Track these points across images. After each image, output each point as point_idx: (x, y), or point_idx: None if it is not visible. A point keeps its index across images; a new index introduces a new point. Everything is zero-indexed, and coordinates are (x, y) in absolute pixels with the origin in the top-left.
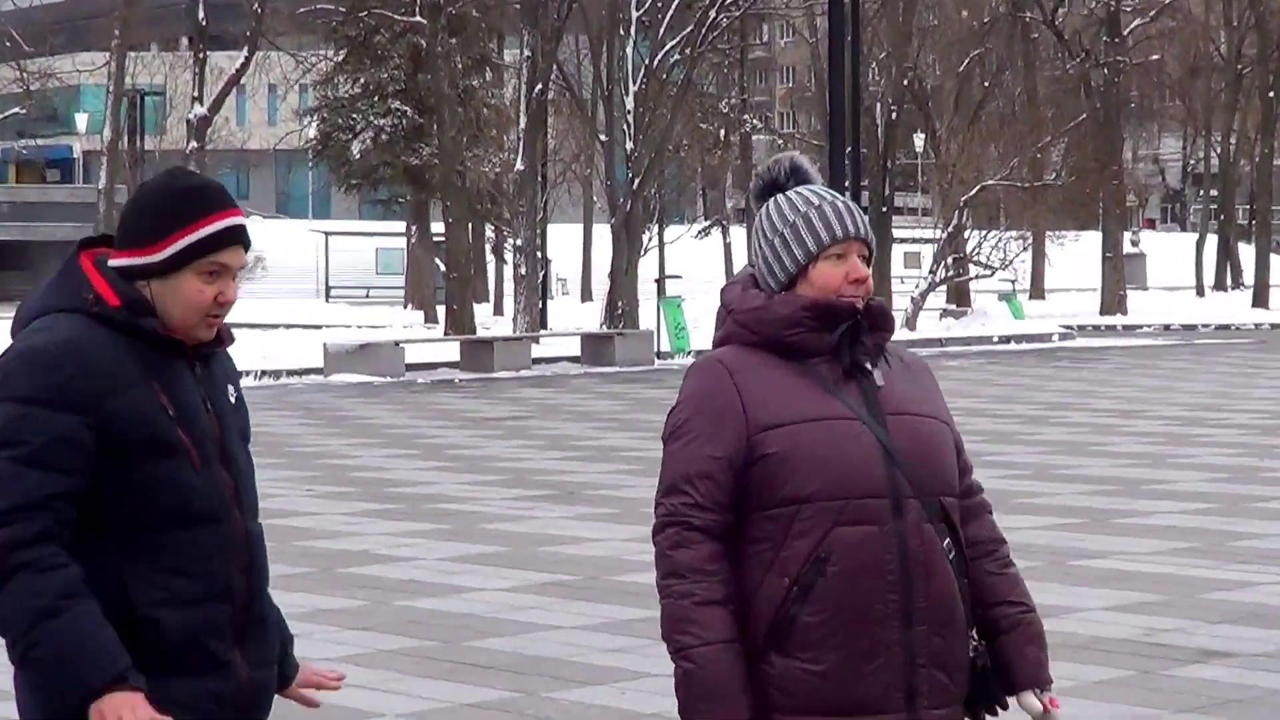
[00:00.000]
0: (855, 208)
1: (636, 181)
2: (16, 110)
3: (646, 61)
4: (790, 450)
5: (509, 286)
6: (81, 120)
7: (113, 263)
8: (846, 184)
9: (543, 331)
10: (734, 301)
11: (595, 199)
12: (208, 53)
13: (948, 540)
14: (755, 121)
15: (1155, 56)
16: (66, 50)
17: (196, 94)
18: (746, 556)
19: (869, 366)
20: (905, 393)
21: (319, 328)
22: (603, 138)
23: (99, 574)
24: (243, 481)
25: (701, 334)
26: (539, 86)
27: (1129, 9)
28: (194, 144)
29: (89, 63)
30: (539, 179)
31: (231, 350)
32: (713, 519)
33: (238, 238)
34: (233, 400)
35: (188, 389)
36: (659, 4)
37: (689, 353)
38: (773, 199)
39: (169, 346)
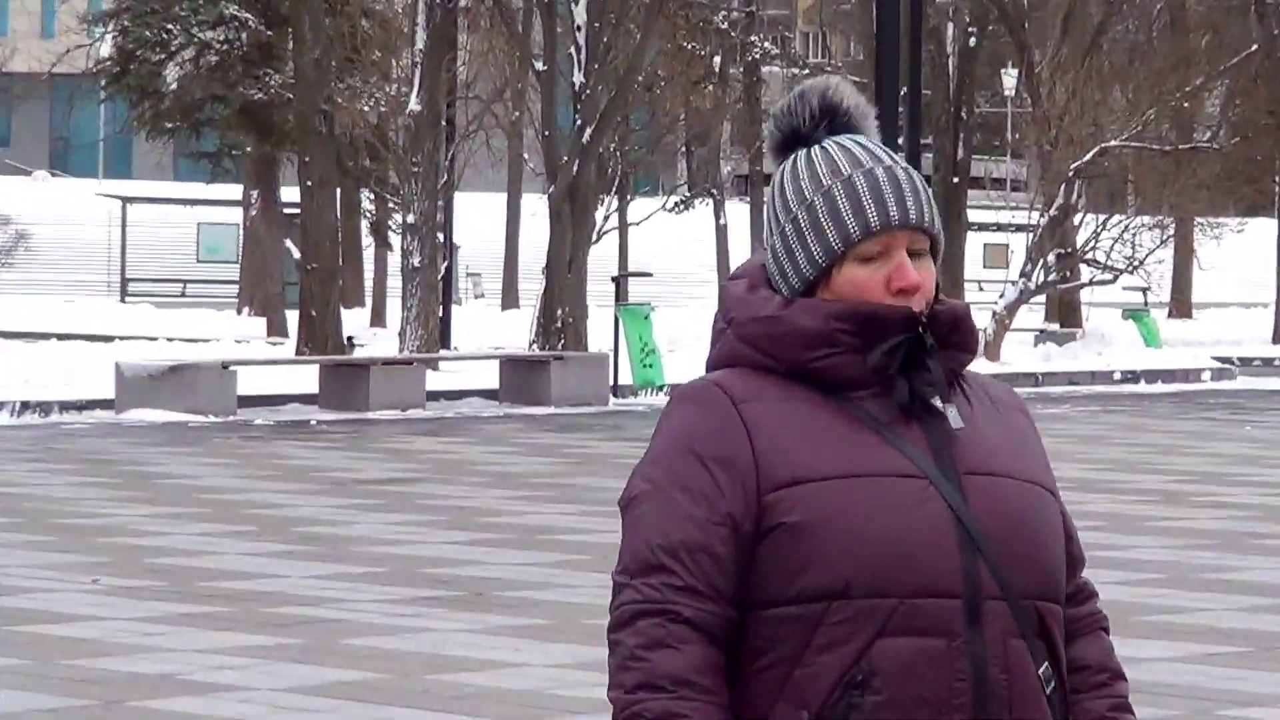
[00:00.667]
0: (914, 176)
1: (588, 132)
2: None
3: None
4: (816, 519)
5: (394, 284)
6: None
7: None
8: (901, 141)
9: (444, 352)
10: (736, 306)
11: (526, 157)
12: None
13: (1045, 666)
14: (767, 44)
15: None
16: None
17: None
18: (746, 676)
19: (939, 403)
20: (994, 443)
21: (110, 340)
22: (539, 66)
23: None
24: None
25: (682, 360)
26: None
27: None
28: None
29: None
30: (443, 125)
31: None
32: (712, 611)
33: None
34: None
35: None
36: None
37: (662, 387)
38: (792, 160)
39: None
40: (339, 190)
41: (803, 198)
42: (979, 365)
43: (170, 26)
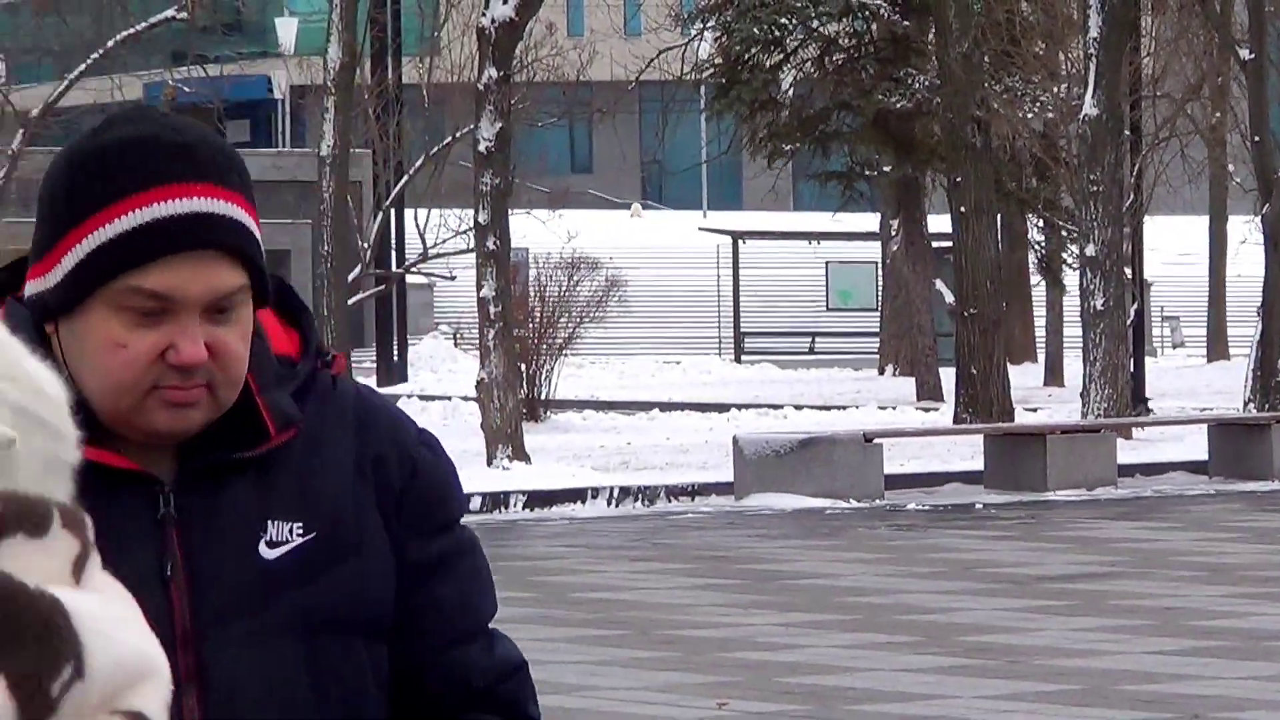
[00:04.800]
0: None
1: None
2: (171, 15)
3: None
4: None
5: (1073, 333)
6: (287, 30)
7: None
8: None
9: (1138, 417)
10: None
11: (1231, 169)
12: None
13: None
14: None
15: None
16: None
17: None
18: None
19: None
20: None
21: (725, 409)
22: (1244, 55)
23: None
24: (233, 713)
25: None
26: None
27: None
28: (491, 71)
29: None
30: (1126, 134)
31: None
32: None
33: (196, 236)
34: (271, 556)
35: (124, 541)
36: None
37: None
38: None
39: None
40: (999, 217)
41: None
42: None
43: (785, 20)
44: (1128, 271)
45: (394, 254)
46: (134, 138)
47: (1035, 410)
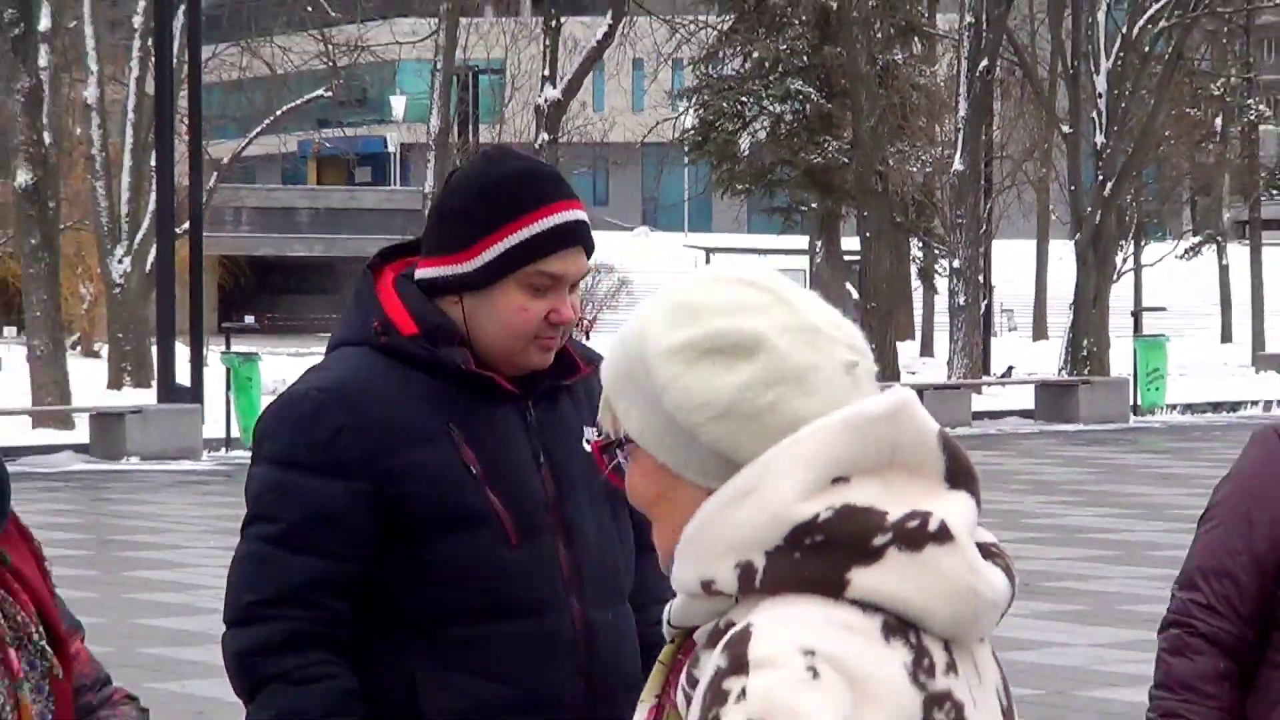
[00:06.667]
0: None
1: (1108, 186)
2: (319, 93)
3: (1123, 30)
4: None
5: (941, 320)
6: (398, 105)
7: (418, 274)
8: None
9: (986, 378)
10: None
11: (1053, 208)
12: (560, 19)
13: None
14: (1262, 107)
15: None
16: (381, 16)
17: (546, 72)
18: (1260, 682)
19: None
20: None
21: None
22: (1065, 129)
23: (383, 682)
24: (588, 557)
25: (1187, 384)
26: (984, 63)
27: None
28: (544, 135)
29: (409, 33)
30: (981, 182)
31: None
32: (1222, 628)
33: (575, 237)
34: (589, 448)
35: (509, 439)
36: None
37: (1161, 409)
38: None
39: (481, 385)
40: (893, 241)
41: None
42: None
43: (745, 100)
44: (981, 278)
45: None
46: (525, 169)
47: (914, 374)
